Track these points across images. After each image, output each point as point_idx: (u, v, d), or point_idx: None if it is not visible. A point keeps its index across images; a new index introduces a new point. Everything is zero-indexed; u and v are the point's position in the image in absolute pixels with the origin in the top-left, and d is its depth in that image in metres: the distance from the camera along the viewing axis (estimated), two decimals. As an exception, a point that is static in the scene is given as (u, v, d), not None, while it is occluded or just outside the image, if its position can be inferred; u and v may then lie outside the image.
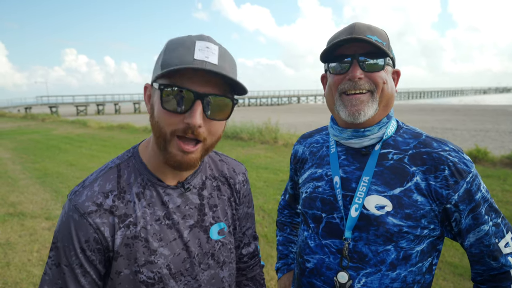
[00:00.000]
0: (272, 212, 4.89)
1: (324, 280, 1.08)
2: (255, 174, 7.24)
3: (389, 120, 1.10)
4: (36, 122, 25.69)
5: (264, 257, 3.72)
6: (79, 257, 0.87)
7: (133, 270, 0.90)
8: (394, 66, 1.12)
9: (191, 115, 0.81)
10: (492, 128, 15.20)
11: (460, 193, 0.99)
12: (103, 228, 0.88)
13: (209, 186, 1.05)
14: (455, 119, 20.07)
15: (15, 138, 15.44)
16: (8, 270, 3.62)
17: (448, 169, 0.99)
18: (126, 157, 0.98)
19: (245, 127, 12.27)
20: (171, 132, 0.84)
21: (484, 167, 7.00)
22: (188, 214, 0.98)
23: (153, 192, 0.94)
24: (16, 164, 9.31)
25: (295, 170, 1.33)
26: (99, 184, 0.92)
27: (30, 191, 6.53)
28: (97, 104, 46.09)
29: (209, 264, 1.01)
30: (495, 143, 10.81)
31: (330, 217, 1.10)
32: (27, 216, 5.16)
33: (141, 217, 0.92)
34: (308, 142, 1.29)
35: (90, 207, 0.88)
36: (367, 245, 1.03)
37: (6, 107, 49.92)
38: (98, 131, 17.44)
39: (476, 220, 1.00)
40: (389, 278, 1.02)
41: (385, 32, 1.09)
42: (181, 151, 0.85)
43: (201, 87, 0.82)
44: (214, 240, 1.02)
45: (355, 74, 1.02)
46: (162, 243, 0.93)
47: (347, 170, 1.10)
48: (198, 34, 0.88)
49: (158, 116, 0.85)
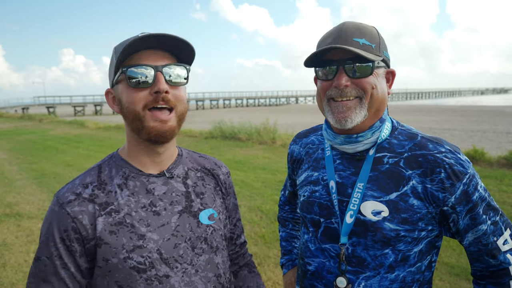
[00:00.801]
0: (270, 213, 4.89)
1: (325, 284, 1.08)
2: (253, 175, 7.23)
3: (383, 124, 1.07)
4: (33, 123, 25.59)
5: (262, 257, 3.71)
6: (58, 247, 0.90)
7: (121, 257, 0.91)
8: (388, 66, 1.09)
9: (157, 83, 0.91)
10: (489, 129, 15.26)
11: (457, 195, 0.98)
12: (81, 216, 0.90)
13: (193, 176, 1.09)
14: (453, 120, 20.13)
15: (12, 139, 15.37)
16: (4, 271, 3.60)
17: (444, 171, 0.98)
18: (107, 159, 1.04)
19: (243, 128, 12.26)
20: (142, 107, 0.92)
21: (481, 168, 7.02)
22: (175, 200, 1.00)
23: (137, 182, 0.98)
24: (13, 165, 9.27)
25: (292, 169, 1.33)
26: (79, 178, 0.98)
27: (27, 192, 6.50)
28: (94, 105, 46.02)
29: (203, 248, 1.02)
30: (492, 143, 10.84)
31: (328, 222, 1.10)
32: (23, 217, 5.14)
33: (125, 204, 0.94)
34: (303, 143, 1.28)
35: (69, 197, 0.92)
36: (366, 250, 1.03)
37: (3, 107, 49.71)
38: (95, 132, 17.40)
39: (474, 220, 1.00)
40: (388, 280, 1.03)
41: (376, 30, 1.06)
42: (158, 121, 0.92)
43: (156, 61, 0.93)
44: (205, 225, 1.03)
45: (340, 82, 1.00)
46: (150, 228, 0.95)
47: (342, 175, 1.09)
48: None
49: (127, 100, 0.93)
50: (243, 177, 7.09)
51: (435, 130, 14.50)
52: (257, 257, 3.72)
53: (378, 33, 1.06)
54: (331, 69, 1.03)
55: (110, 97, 1.01)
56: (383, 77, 1.07)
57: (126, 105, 0.94)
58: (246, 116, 18.39)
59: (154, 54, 0.94)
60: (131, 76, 0.91)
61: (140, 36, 0.88)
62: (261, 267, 3.53)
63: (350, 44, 0.99)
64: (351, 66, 1.00)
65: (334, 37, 1.02)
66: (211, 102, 56.93)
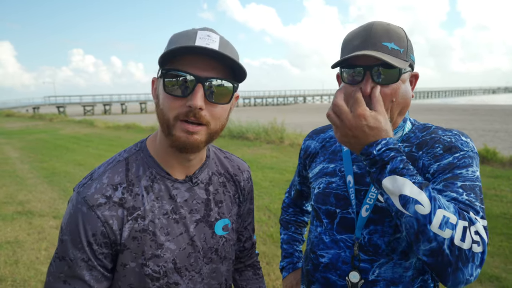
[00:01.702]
0: (278, 212, 4.94)
1: (340, 274, 1.08)
2: (261, 174, 7.23)
3: (405, 123, 1.10)
4: (44, 122, 25.96)
5: (270, 256, 3.72)
6: (86, 250, 0.86)
7: (139, 263, 0.90)
8: (413, 69, 1.07)
9: (192, 97, 0.83)
10: (501, 128, 15.01)
11: (442, 164, 0.96)
12: (112, 221, 0.87)
13: (215, 182, 1.06)
14: (463, 119, 19.86)
15: (23, 138, 15.62)
16: (16, 268, 3.66)
17: (442, 146, 0.99)
18: (134, 151, 0.98)
19: (251, 127, 12.27)
20: (174, 117, 0.86)
21: (493, 168, 6.92)
22: (195, 208, 0.99)
23: (162, 186, 0.95)
24: (24, 163, 9.41)
25: (304, 165, 1.33)
26: (108, 177, 0.92)
27: (38, 190, 6.60)
28: (104, 104, 46.47)
29: (212, 258, 1.02)
30: (504, 143, 10.68)
31: (345, 212, 1.10)
32: (35, 215, 5.21)
33: (150, 210, 0.92)
34: (321, 138, 1.28)
35: (100, 200, 0.88)
36: (382, 237, 1.03)
37: (15, 107, 50.53)
38: (105, 131, 17.57)
39: (447, 187, 0.91)
40: (402, 267, 1.02)
41: (404, 32, 1.02)
42: (185, 131, 0.86)
43: (202, 71, 0.84)
44: (218, 236, 1.03)
45: (366, 89, 0.96)
46: (169, 237, 0.93)
47: (361, 166, 1.10)
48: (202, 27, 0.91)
49: (162, 103, 0.88)
50: (251, 176, 7.09)
51: (445, 130, 14.28)
52: (266, 256, 3.72)
53: (406, 35, 1.03)
54: (357, 71, 0.99)
55: (153, 87, 0.94)
56: (408, 81, 1.05)
57: (160, 107, 0.88)
58: (254, 116, 18.40)
59: (203, 61, 0.85)
60: (168, 82, 0.84)
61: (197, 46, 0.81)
62: (270, 266, 3.54)
63: (379, 48, 0.96)
64: (377, 69, 0.97)
65: (362, 39, 0.99)
66: (219, 102, 56.85)
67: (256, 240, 1.33)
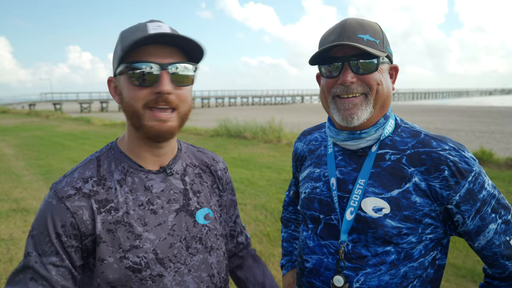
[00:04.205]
0: (275, 211, 4.89)
1: (323, 281, 1.07)
2: (258, 173, 7.23)
3: (386, 120, 1.07)
4: (40, 119, 25.83)
5: (266, 256, 3.71)
6: (54, 243, 0.86)
7: (117, 256, 0.90)
8: (391, 62, 1.09)
9: (160, 84, 0.86)
10: (497, 130, 15.10)
11: (461, 194, 0.96)
12: (81, 211, 0.88)
13: (191, 173, 1.07)
14: (460, 120, 19.95)
15: (19, 135, 15.52)
16: (11, 266, 3.63)
17: (448, 169, 0.96)
18: (105, 150, 1.01)
19: (249, 126, 12.27)
20: (142, 105, 0.88)
21: (489, 169, 6.95)
22: (173, 198, 0.99)
23: (135, 178, 0.96)
24: (20, 160, 9.36)
25: (296, 167, 1.33)
26: (78, 172, 0.94)
27: (33, 187, 6.57)
28: (100, 102, 46.26)
29: (198, 248, 1.01)
30: (500, 144, 10.73)
31: (328, 219, 1.09)
32: (30, 212, 5.18)
33: (124, 202, 0.92)
34: (307, 140, 1.28)
35: (69, 191, 0.90)
36: (366, 247, 1.02)
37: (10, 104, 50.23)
38: (101, 128, 17.51)
39: (484, 220, 0.98)
40: (388, 274, 1.01)
41: (379, 26, 1.05)
42: (157, 120, 0.89)
43: (164, 58, 0.88)
44: (201, 225, 1.02)
45: (346, 79, 0.99)
46: (147, 227, 0.93)
47: (343, 171, 1.09)
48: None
49: (128, 96, 0.90)
50: (248, 175, 7.09)
51: (441, 131, 14.36)
52: (262, 255, 3.71)
53: (381, 29, 1.05)
54: (335, 66, 1.02)
55: (112, 86, 0.97)
56: (387, 73, 1.07)
57: (126, 100, 0.90)
58: (252, 115, 18.40)
59: (162, 49, 0.88)
60: (133, 74, 0.87)
61: (149, 35, 0.84)
62: (266, 265, 3.53)
63: (354, 40, 0.98)
64: (355, 62, 0.99)
65: (337, 34, 1.01)
66: (217, 100, 57.06)
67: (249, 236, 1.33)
